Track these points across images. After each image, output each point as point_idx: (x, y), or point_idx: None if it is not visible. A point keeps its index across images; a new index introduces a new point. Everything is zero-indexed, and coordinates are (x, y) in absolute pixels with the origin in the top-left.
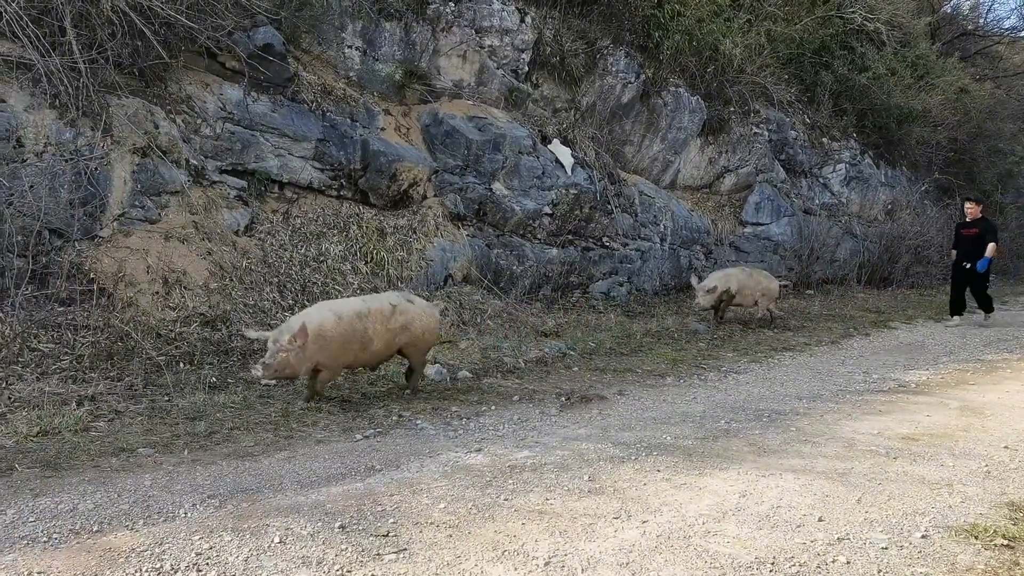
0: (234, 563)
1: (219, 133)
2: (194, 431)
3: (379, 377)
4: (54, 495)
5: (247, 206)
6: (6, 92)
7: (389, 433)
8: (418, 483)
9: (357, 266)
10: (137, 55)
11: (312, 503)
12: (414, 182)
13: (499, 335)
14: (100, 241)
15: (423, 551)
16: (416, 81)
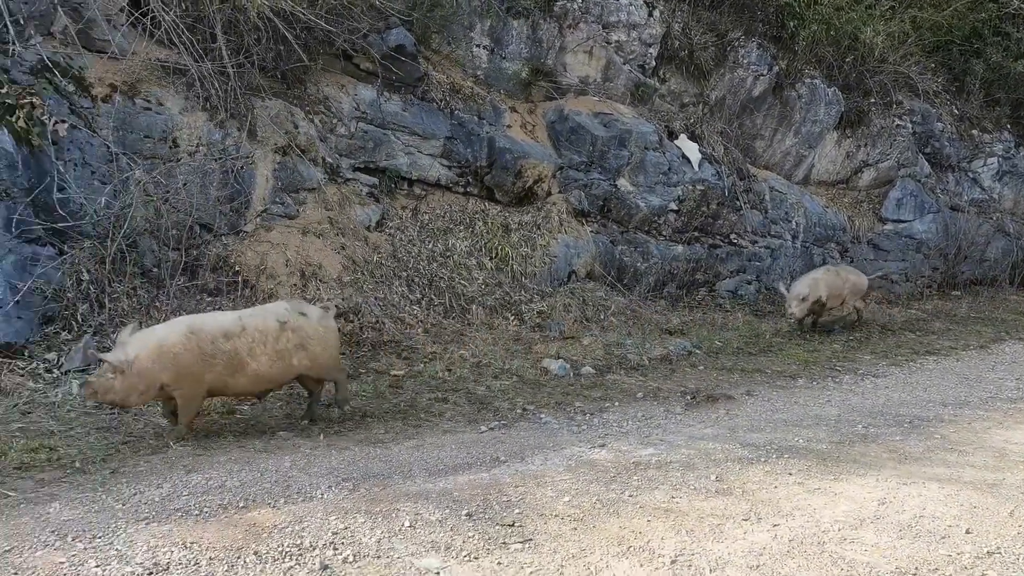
0: (367, 543)
1: (353, 132)
2: (329, 417)
3: (503, 371)
4: (204, 472)
5: (378, 202)
6: (164, 96)
7: (513, 426)
8: (542, 476)
9: (482, 261)
10: (280, 59)
11: (440, 490)
12: (539, 179)
13: (622, 332)
14: (244, 236)
15: (548, 542)
16: (542, 78)
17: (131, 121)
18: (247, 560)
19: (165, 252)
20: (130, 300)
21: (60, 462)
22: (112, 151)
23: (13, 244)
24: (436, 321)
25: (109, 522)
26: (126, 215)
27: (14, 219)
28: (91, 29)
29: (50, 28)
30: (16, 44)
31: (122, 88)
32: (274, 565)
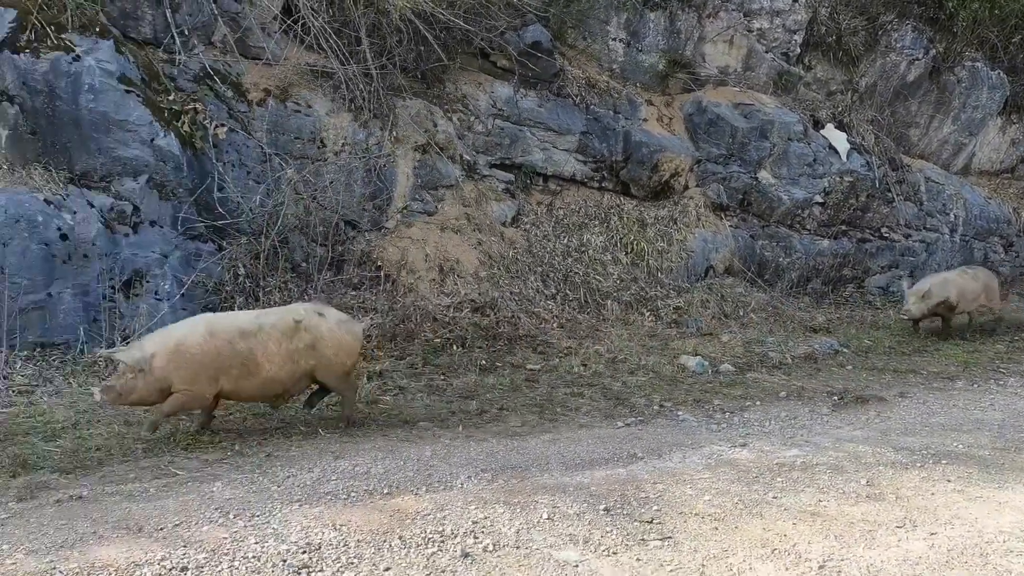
0: (507, 534)
1: (490, 129)
2: (467, 409)
3: (639, 367)
4: (351, 458)
5: (514, 198)
6: (312, 98)
7: (650, 422)
8: (681, 473)
9: (617, 256)
10: (420, 59)
11: (577, 484)
12: (676, 172)
13: (763, 329)
14: (386, 232)
15: (688, 541)
16: (679, 70)
17: (282, 123)
18: (392, 544)
19: (313, 248)
20: (281, 293)
21: (221, 445)
22: (265, 152)
23: (179, 241)
24: (571, 316)
25: (266, 502)
26: (278, 213)
27: (180, 217)
28: (247, 37)
29: (211, 38)
30: (181, 54)
31: (275, 92)
32: (418, 550)
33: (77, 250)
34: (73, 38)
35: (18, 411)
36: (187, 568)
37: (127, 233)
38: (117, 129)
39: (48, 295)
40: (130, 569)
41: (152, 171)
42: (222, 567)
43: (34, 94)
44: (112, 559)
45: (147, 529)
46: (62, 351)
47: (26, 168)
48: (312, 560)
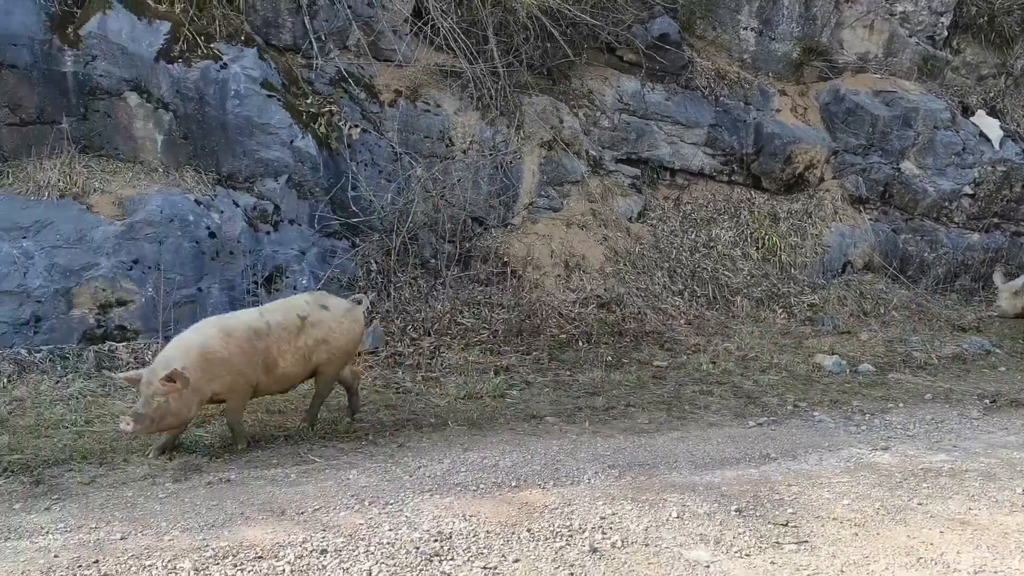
0: (635, 531)
1: (616, 124)
2: (593, 405)
3: (771, 365)
4: (479, 451)
5: (640, 193)
6: (441, 98)
7: (784, 422)
8: (817, 476)
9: (748, 252)
10: (546, 56)
11: (706, 484)
12: (810, 164)
13: (906, 328)
14: (512, 228)
15: (826, 546)
16: (815, 58)
17: (412, 123)
18: (521, 536)
19: (441, 244)
20: (411, 289)
21: (355, 434)
22: (396, 151)
23: (316, 238)
24: (699, 312)
25: (399, 491)
26: (408, 210)
27: (316, 215)
28: (380, 40)
29: (346, 42)
30: (319, 59)
31: (405, 93)
32: (546, 544)
33: (224, 247)
34: (221, 47)
35: None
36: (327, 551)
37: (268, 231)
38: (260, 132)
39: (198, 289)
40: (275, 549)
41: (291, 171)
42: (359, 551)
43: (186, 101)
44: (258, 539)
45: (289, 512)
46: None
47: (179, 170)
48: (443, 549)
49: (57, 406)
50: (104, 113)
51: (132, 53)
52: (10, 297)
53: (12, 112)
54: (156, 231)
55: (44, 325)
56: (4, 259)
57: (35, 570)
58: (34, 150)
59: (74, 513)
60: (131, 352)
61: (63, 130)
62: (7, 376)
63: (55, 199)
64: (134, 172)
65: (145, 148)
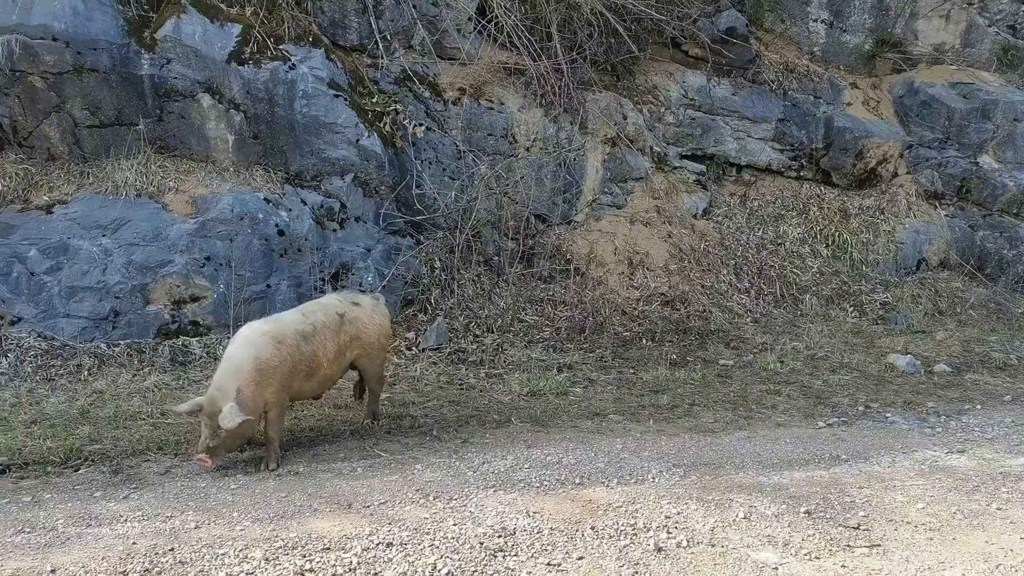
0: (700, 531)
1: (681, 120)
2: (657, 403)
3: (841, 365)
4: (543, 447)
5: (705, 190)
6: (504, 96)
7: (854, 423)
8: (890, 479)
9: (817, 249)
10: (610, 52)
11: (774, 484)
12: (883, 159)
13: (984, 327)
14: (575, 225)
15: (899, 550)
16: (888, 49)
17: (476, 121)
18: (585, 534)
19: (504, 241)
20: (474, 286)
21: (420, 429)
22: (460, 149)
23: (381, 236)
24: (766, 311)
25: (463, 486)
26: (472, 208)
27: (382, 213)
28: (444, 39)
29: (411, 41)
30: (384, 58)
31: (469, 91)
32: (610, 542)
33: (292, 244)
34: (289, 48)
35: None
36: (392, 544)
37: (335, 229)
38: (327, 131)
39: (267, 286)
40: (342, 541)
41: (357, 170)
42: (424, 545)
43: (256, 101)
44: (326, 531)
45: (355, 505)
46: None
47: (249, 169)
48: (507, 544)
49: (134, 398)
50: (178, 114)
51: (205, 55)
52: (91, 293)
53: (92, 114)
54: (227, 229)
55: (122, 320)
56: (85, 256)
57: (114, 556)
58: (113, 151)
59: (151, 502)
60: (203, 347)
61: (140, 131)
62: (87, 369)
63: (132, 198)
64: (206, 171)
65: (217, 148)
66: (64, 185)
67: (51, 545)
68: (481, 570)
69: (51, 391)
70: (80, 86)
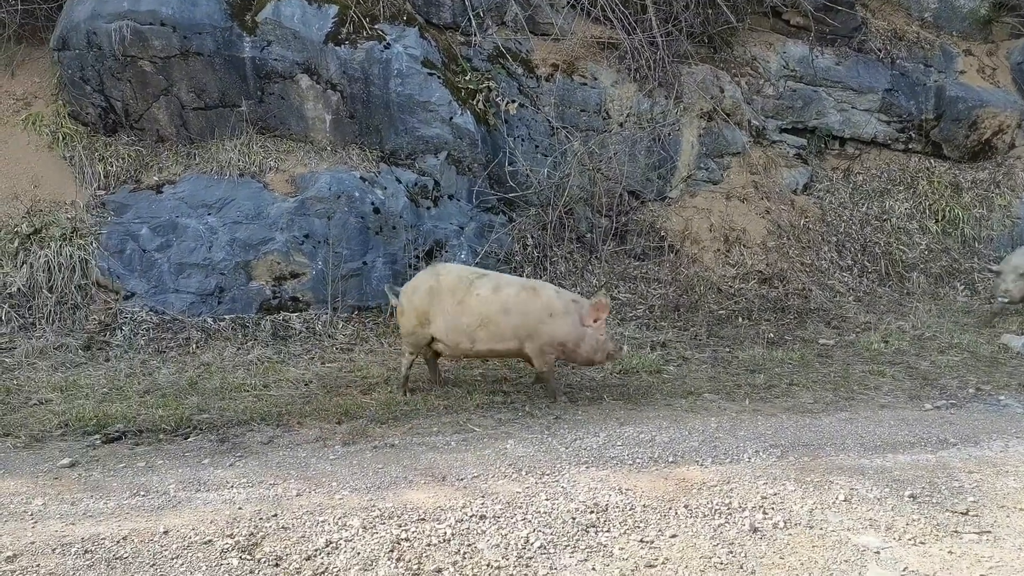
0: (798, 512)
1: (781, 92)
2: (753, 383)
3: (951, 346)
4: (635, 425)
5: (806, 164)
6: (597, 71)
7: (964, 406)
8: (1002, 464)
9: (925, 224)
10: (707, 23)
11: (877, 467)
12: (999, 130)
13: None
14: (670, 202)
15: (1011, 537)
16: (1006, 13)
17: (569, 97)
18: (678, 512)
19: (597, 219)
20: (567, 263)
21: (512, 406)
22: (553, 126)
23: (474, 213)
24: (869, 289)
25: (555, 462)
26: (565, 184)
27: (475, 191)
28: (537, 15)
29: (503, 18)
30: (477, 35)
31: (562, 67)
32: (704, 520)
33: (387, 222)
34: (384, 28)
35: (340, 366)
36: (485, 516)
37: (429, 207)
38: (421, 110)
39: (363, 263)
40: (436, 512)
41: (451, 148)
42: (516, 519)
43: (352, 81)
44: (421, 502)
45: (449, 479)
46: (375, 314)
47: (345, 148)
48: (599, 520)
49: (239, 371)
50: (278, 95)
51: (303, 37)
52: (198, 269)
53: (198, 97)
54: (325, 207)
55: (227, 296)
56: (192, 234)
57: (222, 519)
58: (217, 132)
59: (255, 470)
60: (303, 322)
61: (242, 112)
62: (195, 343)
63: (236, 178)
64: (305, 151)
65: (315, 128)
66: (172, 166)
67: (163, 508)
68: (573, 544)
69: (162, 363)
70: (186, 69)
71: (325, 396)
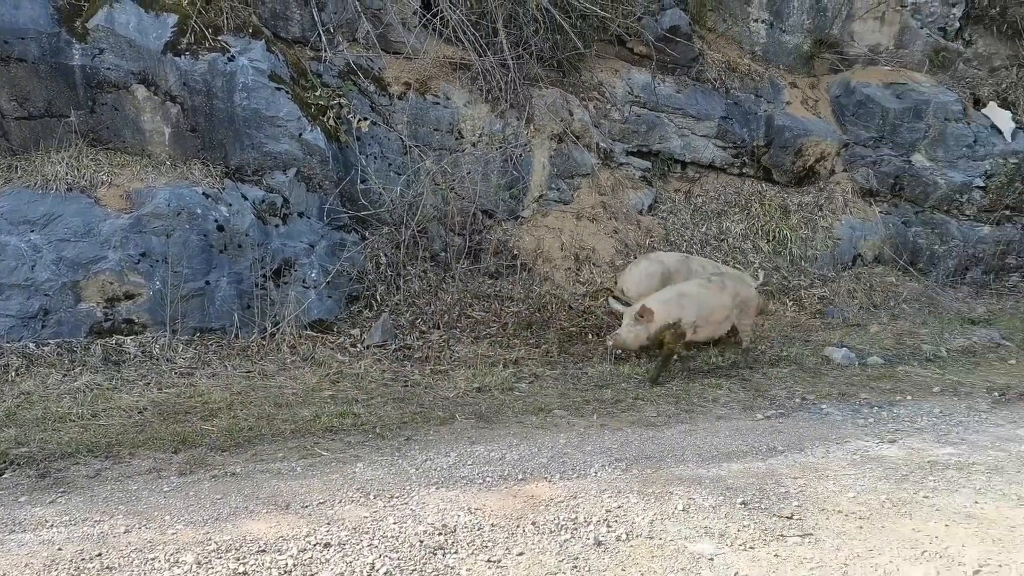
0: (640, 523)
1: (626, 117)
2: (601, 398)
3: (780, 358)
4: (487, 444)
5: (651, 186)
6: (450, 91)
7: (791, 415)
8: (824, 469)
9: (758, 244)
10: (556, 48)
11: (713, 477)
12: (821, 157)
13: (916, 321)
14: (522, 221)
15: (830, 539)
16: (825, 50)
17: (422, 115)
18: (525, 529)
19: (451, 237)
20: (420, 282)
21: (363, 427)
22: (406, 144)
23: (325, 231)
24: None
25: (404, 484)
26: (418, 203)
27: (325, 208)
28: (389, 33)
29: (355, 35)
30: (327, 51)
31: (415, 85)
32: (551, 537)
33: (232, 240)
34: (228, 39)
35: (179, 392)
36: (330, 544)
37: (277, 224)
38: (268, 125)
39: (206, 283)
40: (278, 543)
41: (300, 164)
42: (362, 545)
43: (194, 93)
44: (262, 533)
45: (293, 506)
46: (218, 336)
47: (187, 163)
48: (447, 542)
49: (64, 399)
50: (112, 106)
51: (139, 46)
52: (18, 291)
53: (20, 106)
54: (164, 224)
55: (52, 318)
56: (12, 253)
57: (38, 563)
58: (42, 143)
59: (79, 506)
60: (139, 346)
61: (71, 123)
62: (15, 369)
63: (63, 192)
64: (142, 165)
65: (153, 141)
66: None
67: None
68: (420, 568)
69: None
70: (7, 76)
71: (161, 424)
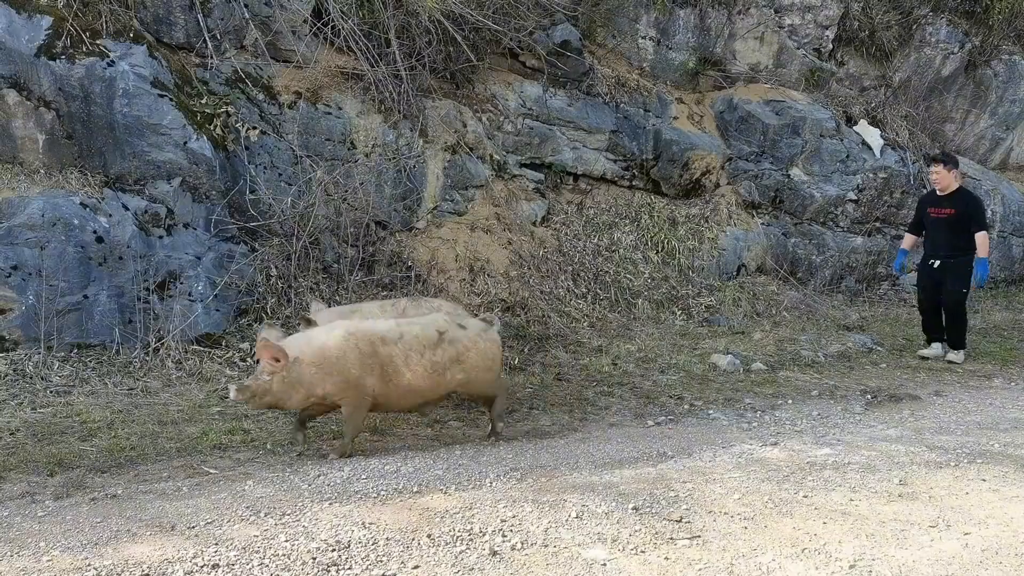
0: (535, 532)
1: (519, 129)
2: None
3: (670, 366)
4: (381, 457)
5: (544, 198)
6: (342, 100)
7: (680, 421)
8: (711, 472)
9: (648, 255)
10: (449, 60)
11: (606, 483)
12: (707, 170)
13: (796, 327)
14: (416, 232)
15: (717, 540)
16: (710, 68)
17: (313, 125)
18: (421, 542)
19: (344, 248)
20: (313, 294)
21: (253, 444)
22: (296, 154)
23: (212, 242)
24: (601, 315)
25: (297, 501)
26: (309, 214)
27: (213, 219)
28: (278, 41)
29: (243, 42)
30: (214, 58)
31: (305, 95)
32: (446, 549)
33: (113, 252)
34: (107, 44)
35: (55, 411)
36: (218, 565)
37: (161, 235)
38: (151, 133)
39: (84, 297)
40: (162, 566)
41: (185, 174)
42: (252, 565)
43: (70, 99)
44: (145, 556)
45: (179, 527)
46: (98, 352)
47: (63, 172)
48: (341, 558)
49: None
50: None
51: (10, 48)
52: None
53: None
54: (37, 235)
55: None
56: None
57: None
58: None
59: None
60: (10, 364)
61: None
62: None
63: None
64: (13, 173)
65: (25, 148)
66: None
67: None
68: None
69: None
70: None
71: (35, 446)
